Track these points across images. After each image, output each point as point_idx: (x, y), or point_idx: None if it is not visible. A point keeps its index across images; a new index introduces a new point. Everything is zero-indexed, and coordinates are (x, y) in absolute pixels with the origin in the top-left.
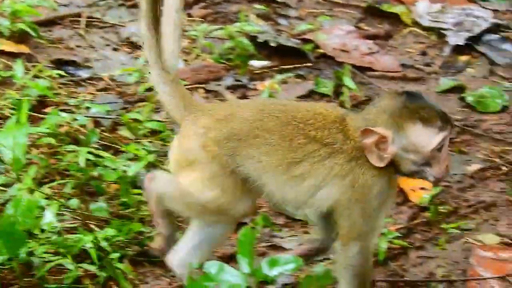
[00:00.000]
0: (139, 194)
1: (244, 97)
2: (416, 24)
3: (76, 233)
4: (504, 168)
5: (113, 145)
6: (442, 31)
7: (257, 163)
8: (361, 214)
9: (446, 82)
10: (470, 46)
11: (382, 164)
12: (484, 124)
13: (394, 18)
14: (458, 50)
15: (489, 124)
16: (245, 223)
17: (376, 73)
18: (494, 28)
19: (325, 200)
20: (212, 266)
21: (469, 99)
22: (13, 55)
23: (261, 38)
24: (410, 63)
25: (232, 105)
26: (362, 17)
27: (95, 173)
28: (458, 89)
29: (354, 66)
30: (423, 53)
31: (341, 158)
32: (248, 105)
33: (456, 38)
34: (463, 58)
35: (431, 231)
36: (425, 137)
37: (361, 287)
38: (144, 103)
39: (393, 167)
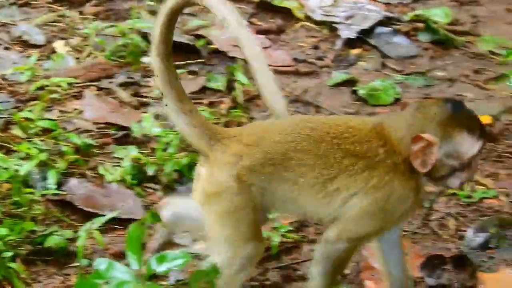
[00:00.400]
0: (31, 193)
1: (136, 94)
2: (308, 18)
3: None
4: None
5: (5, 144)
6: (334, 25)
7: (293, 185)
8: (379, 222)
9: (338, 75)
10: (362, 39)
11: (425, 170)
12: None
13: (286, 13)
14: (350, 43)
15: None
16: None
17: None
18: (386, 21)
19: (352, 209)
20: (102, 263)
21: (361, 92)
22: None
23: None
24: (303, 57)
25: (259, 127)
26: (254, 12)
27: None
28: (350, 83)
29: (246, 61)
30: (315, 47)
31: (380, 170)
32: (276, 127)
33: (347, 32)
34: (355, 51)
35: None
36: (468, 144)
37: (334, 274)
38: (36, 102)
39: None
